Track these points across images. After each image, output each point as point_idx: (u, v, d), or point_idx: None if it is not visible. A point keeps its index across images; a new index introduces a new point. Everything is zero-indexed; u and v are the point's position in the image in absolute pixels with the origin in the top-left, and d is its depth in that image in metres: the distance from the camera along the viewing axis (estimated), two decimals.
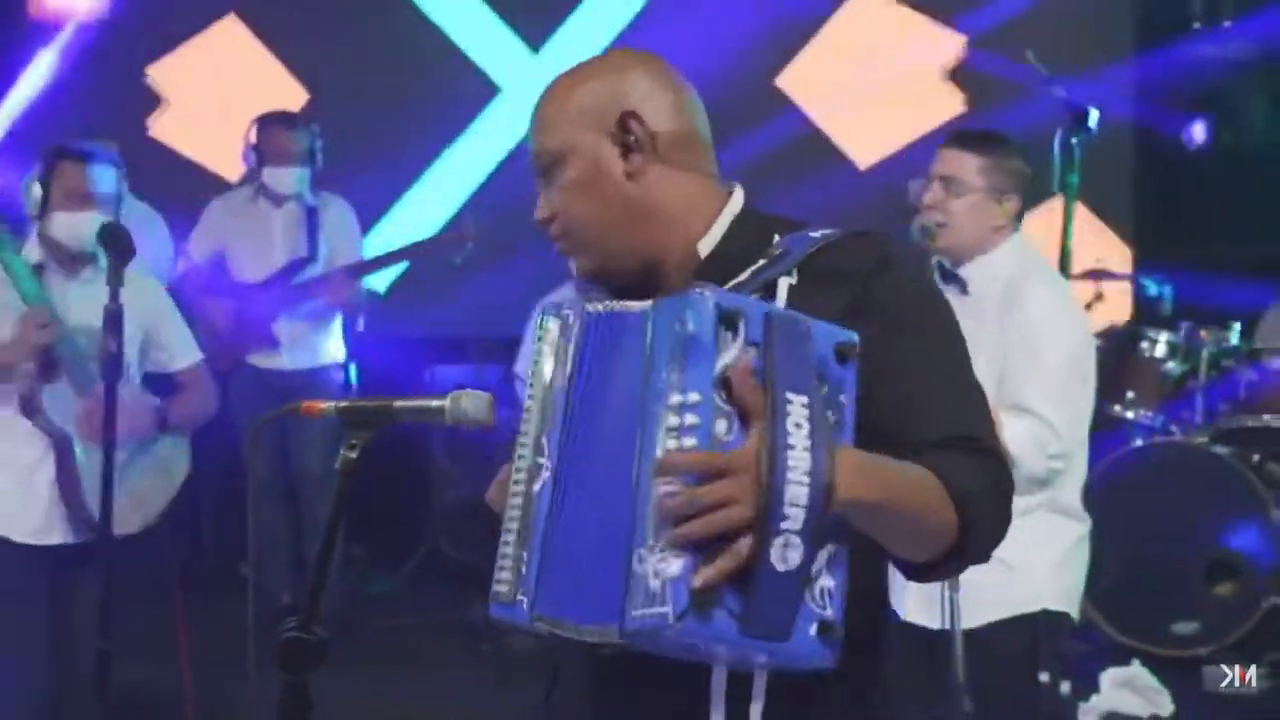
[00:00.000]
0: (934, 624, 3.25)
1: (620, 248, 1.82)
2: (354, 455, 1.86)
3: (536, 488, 1.68)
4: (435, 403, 1.85)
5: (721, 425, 1.52)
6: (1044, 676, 3.42)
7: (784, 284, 1.76)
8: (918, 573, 1.71)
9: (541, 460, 1.68)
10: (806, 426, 1.51)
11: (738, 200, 1.85)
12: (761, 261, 1.77)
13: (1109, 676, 5.08)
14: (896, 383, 1.69)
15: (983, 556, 1.72)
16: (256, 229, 5.90)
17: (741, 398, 1.52)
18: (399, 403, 1.87)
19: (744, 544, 1.49)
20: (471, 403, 1.84)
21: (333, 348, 5.97)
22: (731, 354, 1.53)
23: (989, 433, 1.73)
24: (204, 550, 6.60)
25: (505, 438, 1.81)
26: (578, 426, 1.66)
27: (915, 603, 3.34)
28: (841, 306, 1.71)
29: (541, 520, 1.66)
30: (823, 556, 1.54)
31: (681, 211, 1.82)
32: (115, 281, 3.53)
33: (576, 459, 1.65)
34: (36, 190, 3.85)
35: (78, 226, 3.79)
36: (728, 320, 1.54)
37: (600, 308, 1.69)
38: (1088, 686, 5.00)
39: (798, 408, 1.52)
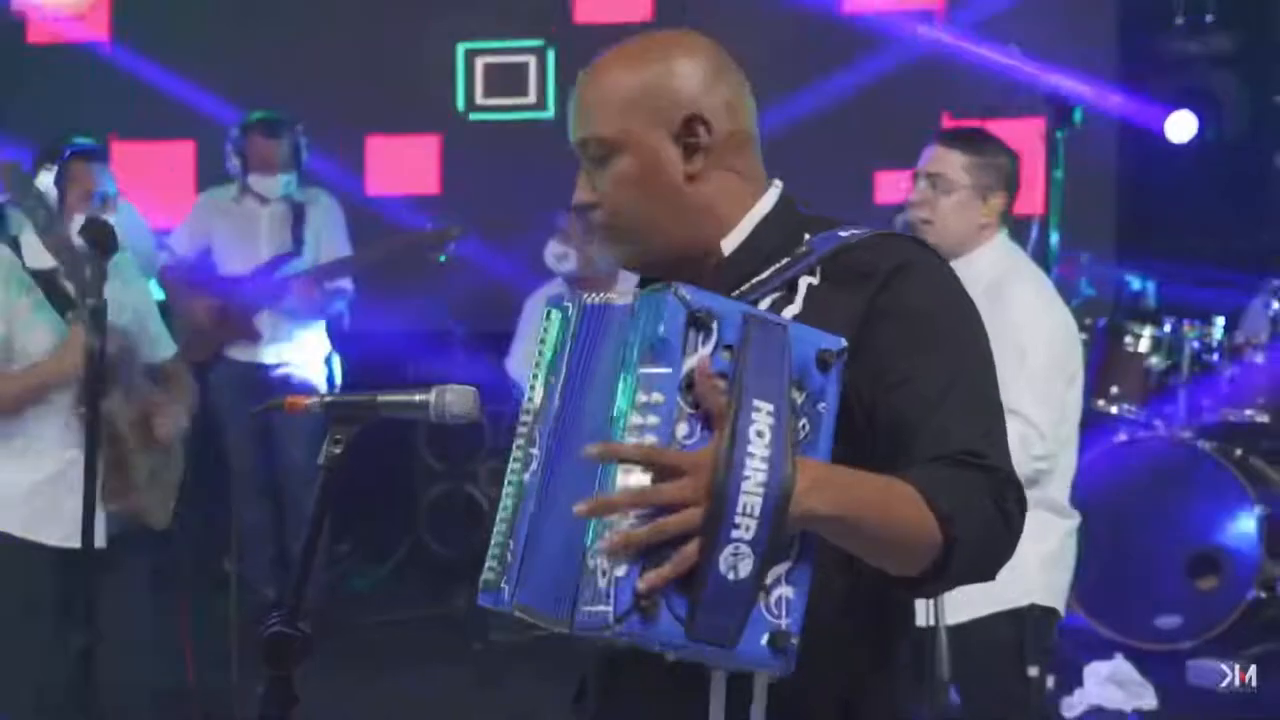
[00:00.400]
0: (919, 619, 3.25)
1: (665, 243, 1.80)
2: (338, 450, 1.85)
3: (527, 477, 1.68)
4: (419, 397, 1.85)
5: (683, 428, 1.50)
6: (1033, 671, 3.42)
7: (804, 283, 1.74)
8: (904, 587, 1.66)
9: (534, 451, 1.68)
10: (769, 435, 1.49)
11: (770, 198, 1.83)
12: (785, 260, 1.76)
13: (1093, 671, 5.09)
14: (905, 391, 1.66)
15: (977, 574, 1.66)
16: (243, 225, 5.90)
17: (704, 401, 1.50)
18: (383, 397, 1.86)
19: (691, 549, 1.47)
20: (455, 397, 1.84)
21: (316, 342, 5.95)
22: (699, 356, 1.51)
23: (994, 448, 1.66)
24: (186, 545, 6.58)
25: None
26: (563, 418, 1.67)
27: None
28: (860, 308, 1.69)
29: (529, 511, 1.66)
30: (782, 567, 1.53)
31: (725, 210, 1.81)
32: (98, 278, 3.50)
33: (560, 451, 1.66)
34: (53, 193, 3.77)
35: None
36: (699, 322, 1.52)
37: (596, 300, 1.68)
38: (1071, 681, 5.02)
39: (763, 415, 1.49)
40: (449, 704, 5.15)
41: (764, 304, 1.73)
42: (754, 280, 1.75)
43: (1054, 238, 5.53)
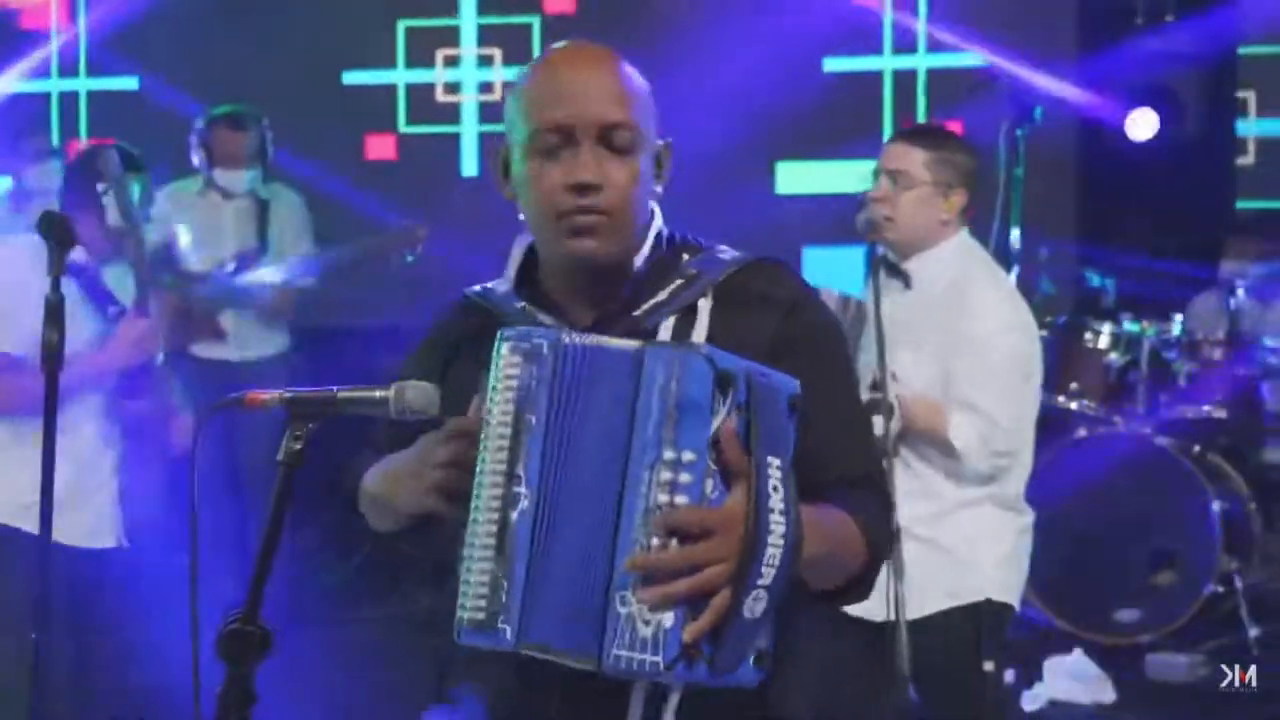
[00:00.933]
0: (878, 615, 3.27)
1: (626, 249, 1.85)
2: (298, 446, 1.85)
3: (514, 516, 1.66)
4: (379, 393, 1.84)
5: (709, 485, 1.60)
6: (989, 666, 3.45)
7: (704, 306, 1.83)
8: (819, 598, 1.81)
9: (519, 490, 1.66)
10: (782, 491, 1.61)
11: (659, 215, 1.90)
12: (679, 282, 1.84)
13: (1052, 665, 5.13)
14: (816, 418, 1.73)
15: (870, 587, 1.87)
16: (207, 220, 5.86)
17: (728, 460, 1.59)
18: (342, 393, 1.85)
19: (723, 600, 1.58)
20: (415, 394, 1.83)
21: (278, 338, 5.93)
22: (723, 416, 1.59)
23: (880, 468, 1.93)
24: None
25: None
26: (559, 459, 1.66)
27: None
28: (768, 336, 1.80)
29: (523, 549, 1.65)
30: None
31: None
32: (57, 271, 3.47)
33: (560, 492, 1.65)
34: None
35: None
36: (723, 383, 1.59)
37: (579, 340, 1.68)
38: (1031, 675, 5.05)
39: (775, 471, 1.60)
40: (411, 701, 5.13)
41: (667, 325, 1.82)
42: (653, 301, 1.83)
43: (1014, 234, 5.57)
